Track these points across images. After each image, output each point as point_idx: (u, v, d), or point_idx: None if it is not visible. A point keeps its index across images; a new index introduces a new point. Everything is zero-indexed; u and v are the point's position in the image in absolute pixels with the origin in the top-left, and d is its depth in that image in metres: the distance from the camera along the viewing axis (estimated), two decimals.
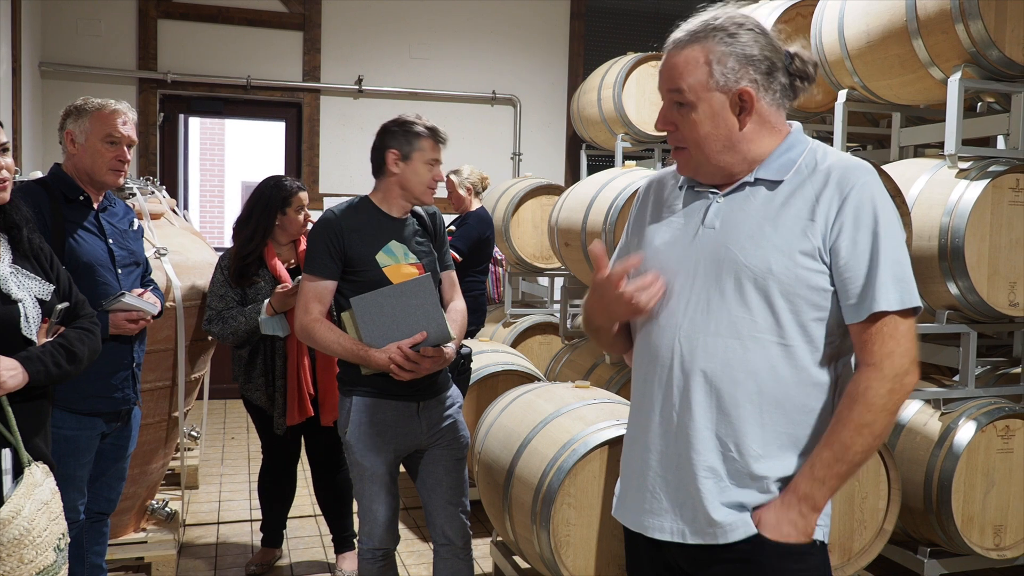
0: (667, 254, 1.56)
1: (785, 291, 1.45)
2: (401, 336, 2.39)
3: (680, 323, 1.51)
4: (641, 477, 1.58)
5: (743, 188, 1.53)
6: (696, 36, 1.49)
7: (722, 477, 1.50)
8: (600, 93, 6.29)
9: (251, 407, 3.52)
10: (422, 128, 2.53)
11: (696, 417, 1.50)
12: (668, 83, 1.51)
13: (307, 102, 6.97)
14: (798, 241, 1.45)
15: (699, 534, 1.52)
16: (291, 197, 3.45)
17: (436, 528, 2.65)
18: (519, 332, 5.67)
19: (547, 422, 3.04)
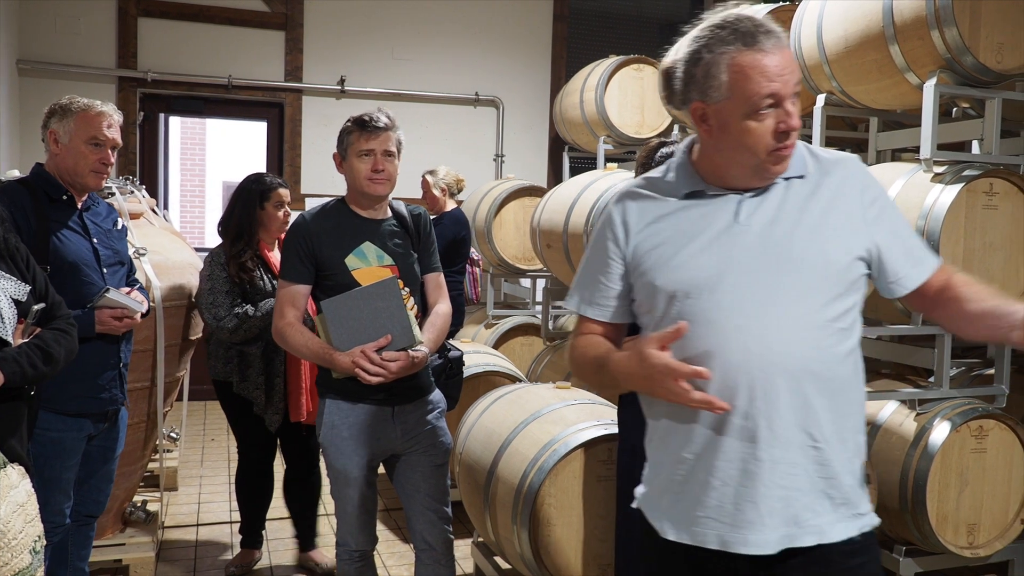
0: (708, 259, 1.50)
1: (842, 278, 1.49)
2: (368, 339, 2.38)
3: (746, 324, 1.45)
4: (724, 492, 1.49)
5: (769, 187, 1.53)
6: (777, 31, 1.49)
7: (816, 475, 1.48)
8: (582, 95, 6.31)
9: (237, 405, 3.48)
10: (350, 123, 2.51)
11: (785, 415, 1.45)
12: (794, 76, 1.47)
13: (289, 102, 6.95)
14: (845, 230, 1.50)
15: (801, 538, 1.48)
16: (269, 192, 3.46)
17: (416, 534, 2.64)
18: (501, 333, 5.68)
19: (528, 423, 3.05)
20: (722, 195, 1.54)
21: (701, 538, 1.53)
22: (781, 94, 1.44)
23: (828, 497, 1.49)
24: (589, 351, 1.62)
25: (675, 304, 1.51)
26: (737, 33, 1.45)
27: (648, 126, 6.20)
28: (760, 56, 1.43)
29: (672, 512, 1.57)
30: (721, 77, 1.45)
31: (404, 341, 2.42)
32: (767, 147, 1.46)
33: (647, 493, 1.65)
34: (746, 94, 1.44)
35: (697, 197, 1.56)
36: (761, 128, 1.46)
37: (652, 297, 1.56)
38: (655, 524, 1.60)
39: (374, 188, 2.50)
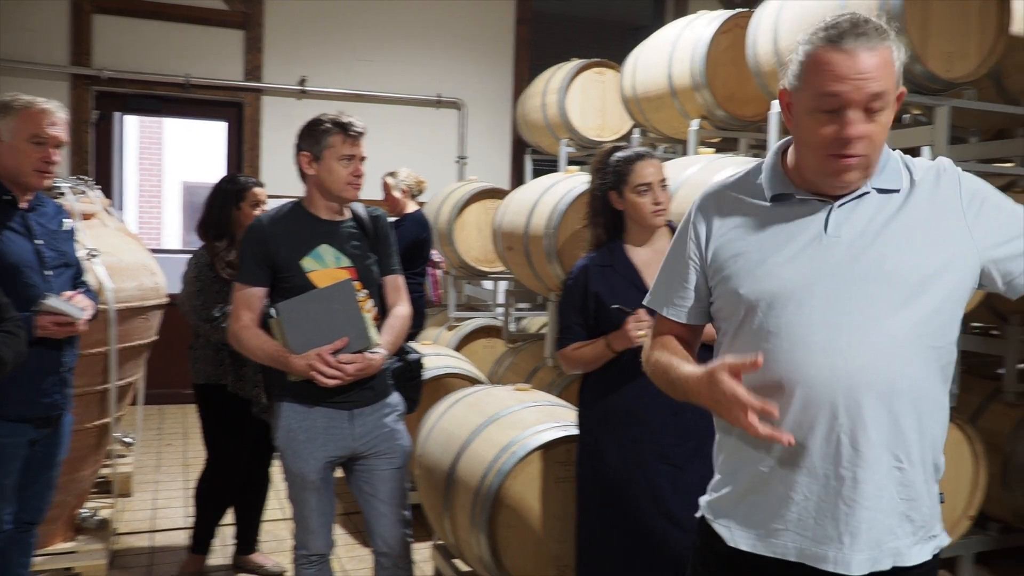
0: (793, 268, 1.44)
1: (938, 295, 1.41)
2: (324, 342, 2.37)
3: (833, 340, 1.40)
4: (805, 507, 1.46)
5: (861, 197, 1.46)
6: (885, 36, 1.39)
7: (898, 496, 1.44)
8: (544, 99, 6.33)
9: (227, 408, 3.38)
10: (329, 124, 2.48)
11: (871, 435, 1.40)
12: (871, 85, 1.36)
13: (249, 102, 6.88)
14: (942, 246, 1.42)
15: (881, 560, 1.45)
16: (244, 192, 3.43)
17: (375, 537, 2.63)
18: (463, 335, 5.67)
19: (487, 425, 3.05)
20: (810, 201, 1.48)
21: (780, 550, 1.49)
22: (848, 97, 1.36)
23: (909, 520, 1.45)
24: (663, 358, 1.59)
25: (757, 314, 1.47)
26: (832, 28, 1.39)
27: (609, 129, 6.24)
28: (837, 54, 1.37)
29: (747, 522, 1.53)
30: (799, 65, 1.43)
31: (361, 343, 2.41)
32: (824, 149, 1.40)
33: (715, 501, 1.60)
34: (812, 87, 1.39)
35: (785, 201, 1.50)
36: (820, 128, 1.40)
37: (734, 304, 1.51)
38: (724, 533, 1.56)
39: (352, 192, 2.53)
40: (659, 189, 2.52)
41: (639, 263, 2.58)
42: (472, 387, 3.62)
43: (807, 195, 1.48)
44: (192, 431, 5.99)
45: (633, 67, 5.07)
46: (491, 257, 5.68)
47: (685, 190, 3.60)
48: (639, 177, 2.52)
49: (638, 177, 2.52)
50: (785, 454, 1.46)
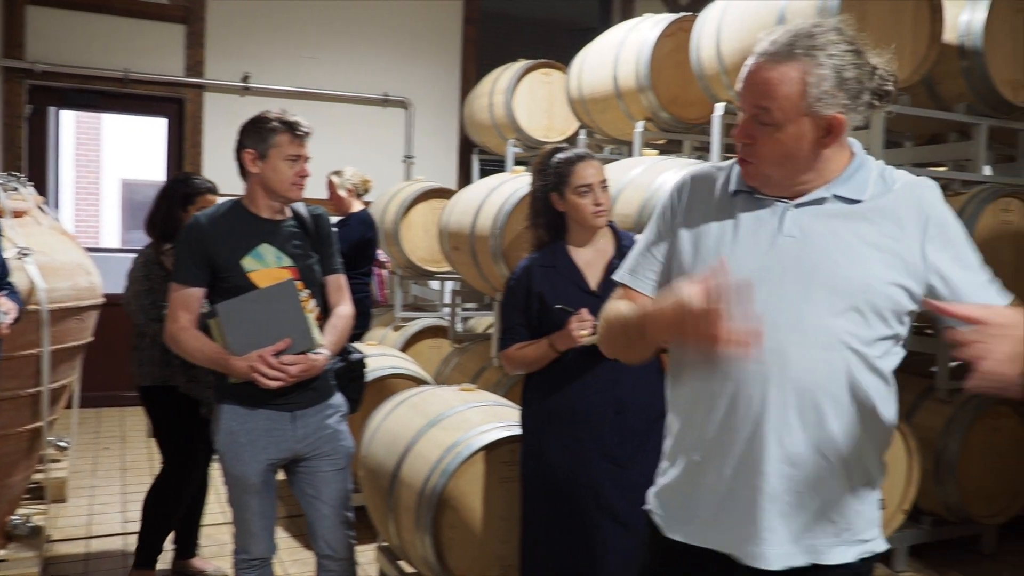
0: (739, 261, 1.46)
1: (878, 307, 1.42)
2: (266, 343, 2.33)
3: (770, 336, 1.40)
4: (727, 501, 1.49)
5: (820, 202, 1.47)
6: (795, 53, 1.39)
7: (821, 496, 1.45)
8: (492, 99, 6.34)
9: (176, 410, 3.28)
10: (277, 123, 2.44)
11: (796, 435, 1.43)
12: (755, 98, 1.42)
13: (190, 98, 6.74)
14: (891, 261, 1.43)
15: (797, 557, 1.46)
16: (195, 196, 3.33)
17: (318, 539, 2.60)
18: (409, 336, 5.64)
19: (432, 425, 3.04)
20: (769, 200, 1.50)
21: (707, 541, 1.52)
22: (741, 103, 1.46)
23: (830, 521, 1.46)
24: (621, 308, 1.60)
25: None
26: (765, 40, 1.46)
27: (556, 130, 6.28)
28: (749, 61, 1.45)
29: (679, 513, 1.57)
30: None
31: (303, 344, 2.38)
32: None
33: (657, 491, 1.64)
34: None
35: (747, 197, 1.52)
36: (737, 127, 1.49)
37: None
38: (660, 523, 1.60)
39: (297, 193, 2.49)
40: (599, 190, 2.54)
41: (581, 263, 2.59)
42: (417, 388, 3.60)
43: (767, 196, 1.50)
44: (131, 434, 5.86)
45: (579, 68, 5.10)
46: (438, 257, 5.66)
47: (630, 191, 3.64)
48: (579, 178, 2.53)
49: (578, 178, 2.53)
50: (714, 446, 1.50)
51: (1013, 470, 4.03)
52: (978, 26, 3.72)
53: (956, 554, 4.06)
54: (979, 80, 3.78)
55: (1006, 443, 4.00)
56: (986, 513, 3.99)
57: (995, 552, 4.09)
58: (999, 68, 3.81)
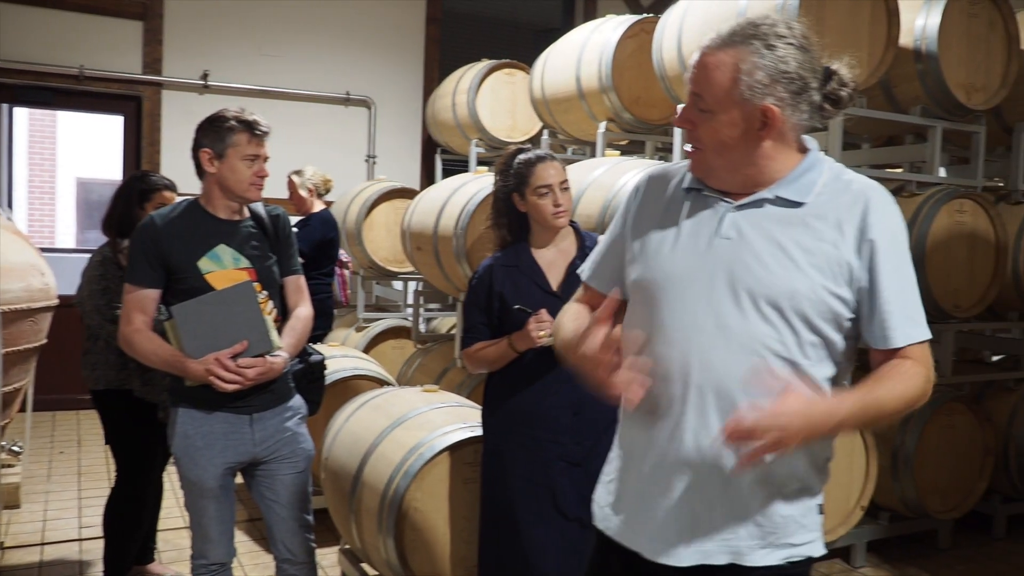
0: (677, 261, 1.47)
1: (805, 314, 1.40)
2: (223, 345, 2.29)
3: (693, 336, 1.42)
4: (646, 498, 1.50)
5: (761, 204, 1.45)
6: (733, 40, 1.41)
7: (743, 499, 1.45)
8: (455, 99, 6.32)
9: (132, 414, 3.20)
10: (234, 122, 2.40)
11: (713, 434, 1.42)
12: (694, 85, 1.43)
13: (148, 96, 6.62)
14: (824, 268, 1.40)
15: (715, 556, 1.46)
16: (151, 193, 3.26)
17: (277, 543, 2.57)
18: (372, 337, 5.62)
19: (395, 427, 3.02)
20: (714, 199, 1.49)
21: (624, 537, 1.54)
22: (688, 89, 1.47)
23: (755, 524, 1.45)
24: (570, 324, 1.61)
25: (641, 300, 1.52)
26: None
27: (520, 130, 6.28)
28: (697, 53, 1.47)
29: (612, 508, 1.59)
30: None
31: (261, 347, 2.34)
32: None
33: (600, 485, 1.66)
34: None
35: (696, 195, 1.52)
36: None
37: (629, 282, 1.57)
38: (595, 515, 1.63)
39: (255, 193, 2.45)
40: (559, 191, 2.55)
41: (544, 264, 2.60)
42: (380, 389, 3.58)
43: (713, 192, 1.49)
44: (87, 438, 5.75)
45: (542, 69, 5.11)
46: (400, 257, 5.64)
47: (592, 191, 3.65)
48: (539, 179, 2.55)
49: (538, 179, 2.55)
50: (638, 443, 1.51)
51: (967, 466, 4.11)
52: (933, 30, 3.79)
53: (913, 549, 4.13)
54: (934, 83, 3.85)
55: (960, 440, 4.08)
56: (942, 508, 4.07)
57: (951, 546, 4.18)
58: (953, 72, 3.89)
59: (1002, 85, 4.03)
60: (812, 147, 1.51)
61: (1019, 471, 4.25)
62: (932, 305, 3.84)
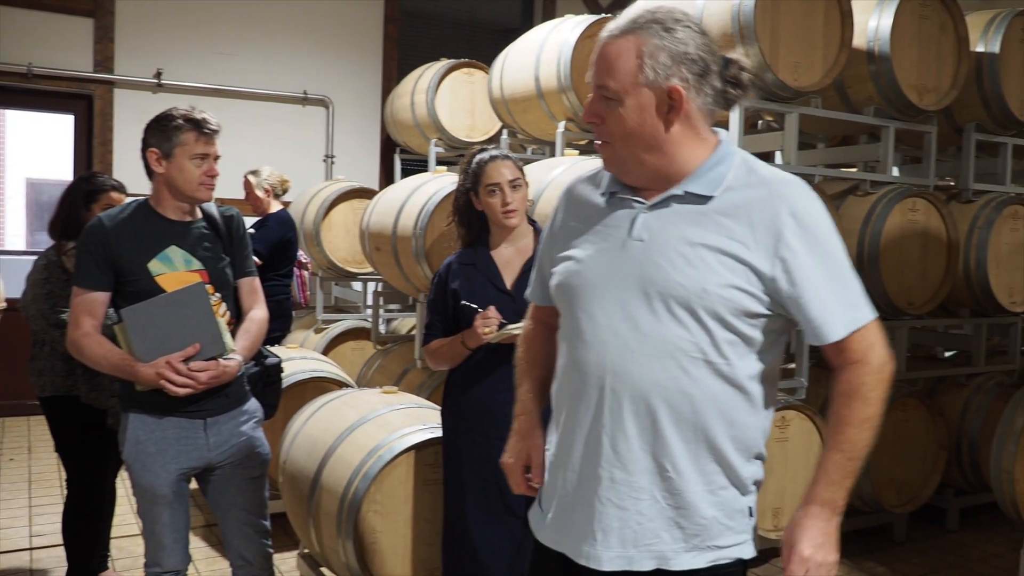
0: (592, 266, 1.47)
1: (717, 312, 1.38)
2: (174, 349, 2.24)
3: (609, 340, 1.43)
4: (568, 501, 1.51)
5: (671, 201, 1.44)
6: (632, 27, 1.41)
7: (664, 503, 1.44)
8: (413, 98, 6.29)
9: (81, 421, 3.12)
10: (182, 121, 2.35)
11: (631, 440, 1.42)
12: (597, 76, 1.43)
13: (99, 95, 6.49)
14: (735, 266, 1.39)
15: (640, 561, 1.45)
16: (98, 194, 3.20)
17: (232, 550, 2.52)
18: (331, 338, 5.56)
19: (353, 429, 2.99)
20: (628, 201, 1.48)
21: (549, 539, 1.55)
22: (591, 82, 1.46)
23: (678, 527, 1.44)
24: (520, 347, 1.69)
25: (563, 306, 1.54)
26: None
27: (479, 130, 6.26)
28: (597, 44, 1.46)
29: (543, 514, 1.60)
30: None
31: (214, 349, 2.30)
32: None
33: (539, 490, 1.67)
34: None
35: (613, 199, 1.52)
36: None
37: (553, 294, 1.57)
38: (531, 520, 1.64)
39: (206, 193, 2.39)
40: (508, 190, 2.56)
41: (501, 262, 2.63)
42: (338, 391, 3.54)
43: (627, 194, 1.49)
44: (37, 445, 5.61)
45: (501, 69, 5.10)
46: (359, 258, 5.59)
47: (551, 191, 3.65)
48: (489, 178, 2.58)
49: (488, 178, 2.58)
50: (562, 447, 1.53)
51: (921, 460, 4.19)
52: (885, 32, 3.85)
53: (870, 543, 4.20)
54: (887, 84, 3.91)
55: (914, 435, 4.15)
56: (897, 502, 4.14)
57: (906, 540, 4.25)
58: (905, 73, 3.95)
59: (952, 86, 4.11)
60: (724, 139, 1.49)
61: (971, 465, 4.34)
62: (886, 302, 3.90)
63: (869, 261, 3.82)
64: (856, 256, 3.83)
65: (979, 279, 4.21)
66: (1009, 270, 4.31)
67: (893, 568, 3.91)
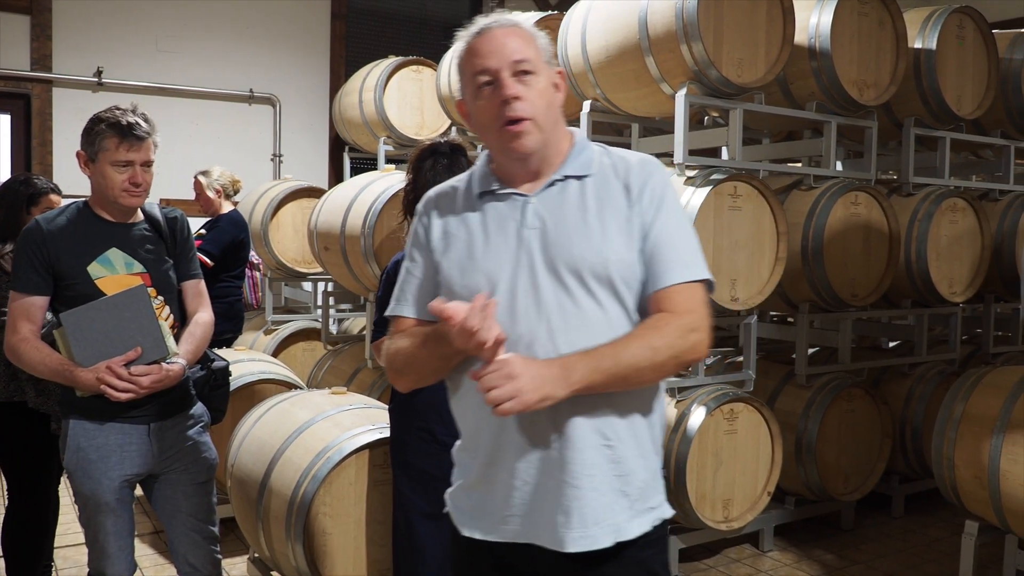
0: (492, 260, 1.52)
1: (624, 277, 1.49)
2: (115, 353, 2.19)
3: (536, 327, 1.47)
4: (506, 489, 1.52)
5: (553, 185, 1.54)
6: (517, 23, 1.54)
7: (611, 473, 1.50)
8: (362, 96, 6.23)
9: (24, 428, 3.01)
10: (104, 126, 2.29)
11: (574, 418, 1.47)
12: (511, 55, 1.50)
13: (37, 94, 6.32)
14: (624, 229, 1.50)
15: (600, 539, 1.49)
16: (39, 197, 3.15)
17: (179, 557, 2.48)
18: (281, 339, 5.50)
19: (302, 430, 2.96)
20: (510, 195, 1.55)
21: (508, 535, 1.54)
22: (495, 67, 1.50)
23: (624, 495, 1.51)
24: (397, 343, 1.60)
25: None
26: (473, 27, 1.56)
27: (428, 127, 6.24)
28: (478, 40, 1.53)
29: (476, 511, 1.59)
30: (458, 71, 1.58)
31: (156, 353, 2.25)
32: (496, 123, 1.51)
33: (453, 493, 1.65)
34: (468, 76, 1.54)
35: (490, 197, 1.57)
36: (486, 106, 1.52)
37: (452, 298, 1.54)
38: (458, 524, 1.62)
39: (131, 201, 2.32)
40: None
41: None
42: (287, 392, 3.49)
43: (507, 188, 1.56)
44: None
45: (449, 65, 5.08)
46: (309, 258, 5.53)
47: None
48: None
49: None
50: (500, 441, 1.53)
51: (867, 449, 4.28)
52: (825, 28, 3.92)
53: (818, 531, 4.28)
54: (828, 80, 3.98)
55: (860, 424, 4.24)
56: (844, 491, 4.22)
57: (853, 527, 4.33)
58: (846, 69, 4.03)
59: (891, 82, 4.19)
60: (577, 131, 1.64)
61: (915, 452, 4.44)
62: (830, 294, 3.97)
63: (813, 254, 3.88)
64: (800, 249, 3.89)
65: (920, 270, 4.31)
66: (948, 261, 4.43)
67: (841, 555, 3.99)
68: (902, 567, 3.85)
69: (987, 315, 4.87)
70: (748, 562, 3.89)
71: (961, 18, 4.48)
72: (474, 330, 1.36)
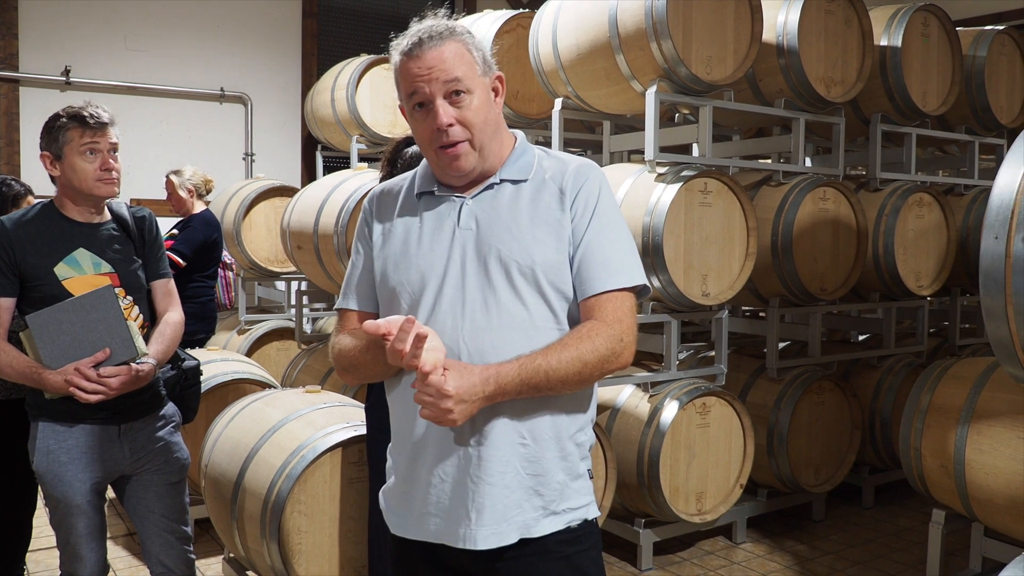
0: (425, 259, 1.55)
1: (551, 280, 1.51)
2: (83, 354, 2.18)
3: (460, 324, 1.50)
4: (425, 487, 1.55)
5: (490, 188, 1.57)
6: (450, 35, 1.52)
7: (524, 472, 1.52)
8: (334, 94, 6.21)
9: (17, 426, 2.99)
10: (64, 119, 2.29)
11: (495, 417, 1.50)
12: (442, 75, 1.50)
13: (3, 93, 6.23)
14: (555, 233, 1.53)
15: (508, 535, 1.52)
16: (20, 199, 3.14)
17: (152, 558, 2.47)
18: (255, 339, 5.47)
19: (276, 429, 2.95)
20: (447, 197, 1.59)
21: (424, 534, 1.57)
22: (427, 92, 1.50)
23: (537, 494, 1.54)
24: (347, 341, 1.63)
25: (401, 302, 1.57)
26: (404, 43, 1.53)
27: (401, 125, 6.22)
28: (409, 62, 1.52)
29: (403, 509, 1.61)
30: (396, 81, 1.57)
31: (125, 354, 2.23)
32: (432, 144, 1.54)
33: (385, 491, 1.68)
34: (404, 94, 1.55)
35: (429, 197, 1.61)
36: (421, 127, 1.54)
37: (386, 292, 1.60)
38: (388, 524, 1.65)
39: (106, 189, 2.31)
40: None
41: None
42: (261, 392, 3.48)
43: (445, 191, 1.60)
44: None
45: None
46: (282, 257, 5.51)
47: None
48: None
49: None
50: (423, 438, 1.56)
51: (837, 441, 4.34)
52: (793, 26, 3.97)
53: (790, 522, 4.33)
54: (796, 77, 4.03)
55: (830, 416, 4.30)
56: (815, 482, 4.28)
57: (824, 518, 4.40)
58: (813, 66, 4.08)
59: (858, 79, 4.25)
60: (520, 135, 1.66)
61: (884, 443, 4.51)
62: (800, 288, 4.03)
63: (783, 249, 3.93)
64: (770, 244, 3.94)
65: (887, 264, 4.38)
66: (915, 255, 4.50)
67: (813, 546, 4.04)
68: (872, 556, 3.91)
69: (953, 308, 4.96)
70: (721, 554, 3.93)
71: (926, 16, 4.56)
72: (403, 353, 1.38)
